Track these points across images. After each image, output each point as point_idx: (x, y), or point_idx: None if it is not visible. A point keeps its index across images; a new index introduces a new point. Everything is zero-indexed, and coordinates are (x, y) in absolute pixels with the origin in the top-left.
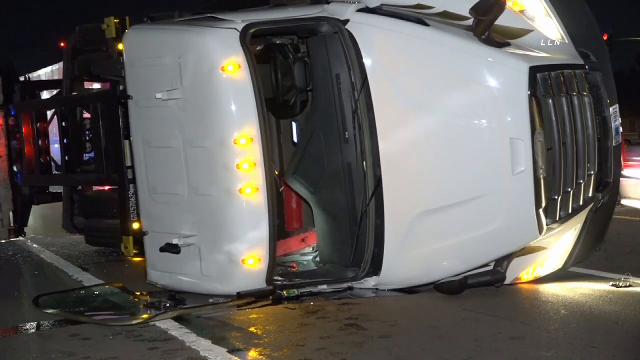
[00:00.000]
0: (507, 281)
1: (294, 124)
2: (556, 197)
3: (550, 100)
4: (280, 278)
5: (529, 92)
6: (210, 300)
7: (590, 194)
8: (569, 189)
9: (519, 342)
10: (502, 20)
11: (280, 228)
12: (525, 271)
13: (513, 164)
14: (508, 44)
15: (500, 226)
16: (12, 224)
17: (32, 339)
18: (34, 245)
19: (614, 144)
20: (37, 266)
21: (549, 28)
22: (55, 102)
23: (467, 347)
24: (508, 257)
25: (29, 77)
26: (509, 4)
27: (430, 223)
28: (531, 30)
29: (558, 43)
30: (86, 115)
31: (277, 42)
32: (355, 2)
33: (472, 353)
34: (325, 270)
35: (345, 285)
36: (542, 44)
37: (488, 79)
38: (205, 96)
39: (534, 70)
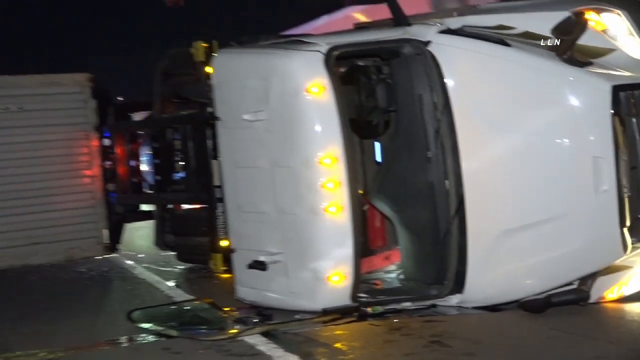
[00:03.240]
0: (591, 300)
1: (377, 144)
2: None
3: (634, 119)
4: (364, 295)
5: (612, 111)
6: (297, 317)
7: None
8: None
9: None
10: (584, 40)
11: (365, 246)
12: (610, 290)
13: (596, 182)
14: (590, 64)
15: (583, 245)
16: (106, 242)
17: (125, 352)
18: (127, 261)
19: None
20: (130, 282)
21: (632, 47)
22: (146, 124)
23: None
24: (592, 276)
25: (121, 100)
26: (591, 23)
27: (513, 241)
28: (614, 50)
29: None
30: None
31: (361, 64)
32: (437, 24)
33: None
34: (408, 288)
35: (428, 302)
36: (625, 63)
37: (570, 98)
38: (291, 117)
39: (616, 89)
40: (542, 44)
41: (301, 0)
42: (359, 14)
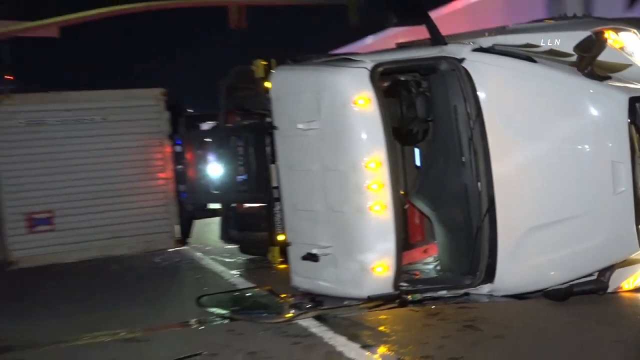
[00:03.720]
0: (609, 290)
1: (416, 150)
2: None
3: None
4: (405, 284)
5: (628, 120)
6: (345, 303)
7: None
8: None
9: (622, 345)
10: (603, 56)
11: (405, 240)
12: (626, 281)
13: (614, 184)
14: (609, 77)
15: (602, 240)
16: (178, 236)
17: (196, 333)
18: (196, 253)
19: None
20: (198, 271)
21: None
22: (213, 133)
23: (572, 349)
24: (610, 268)
25: (191, 112)
26: (609, 41)
27: (539, 237)
28: (630, 65)
29: None
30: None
31: (402, 79)
32: (470, 43)
33: (577, 355)
34: (444, 278)
35: (462, 291)
36: None
37: (591, 109)
38: (340, 126)
39: (633, 101)
40: (565, 60)
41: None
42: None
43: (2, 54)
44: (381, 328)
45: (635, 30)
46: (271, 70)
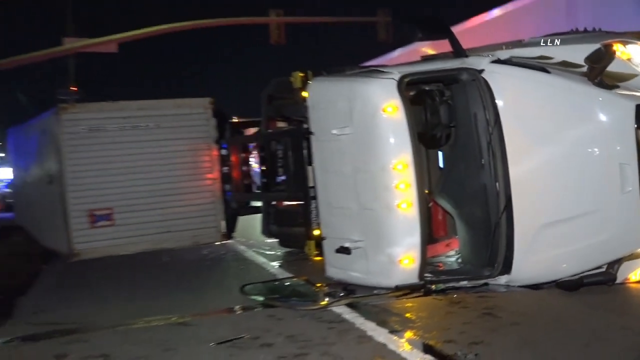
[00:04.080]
0: (617, 281)
1: (439, 153)
2: None
3: None
4: (429, 275)
5: (635, 126)
6: (374, 292)
7: None
8: None
9: (630, 332)
10: (611, 67)
11: (429, 235)
12: (633, 272)
13: (622, 184)
14: (617, 86)
15: (611, 235)
16: (224, 231)
17: (240, 318)
18: (240, 246)
19: None
20: (242, 262)
21: None
22: (255, 138)
23: (583, 335)
24: (618, 261)
25: (236, 119)
26: (617, 53)
27: (552, 233)
28: (637, 75)
29: None
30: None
31: (426, 88)
32: (489, 56)
33: (588, 340)
34: (465, 270)
35: (482, 281)
36: None
37: (600, 115)
38: (370, 132)
39: (639, 108)
40: (576, 70)
41: (378, 38)
42: (426, 48)
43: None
44: (407, 315)
45: None
46: (308, 81)
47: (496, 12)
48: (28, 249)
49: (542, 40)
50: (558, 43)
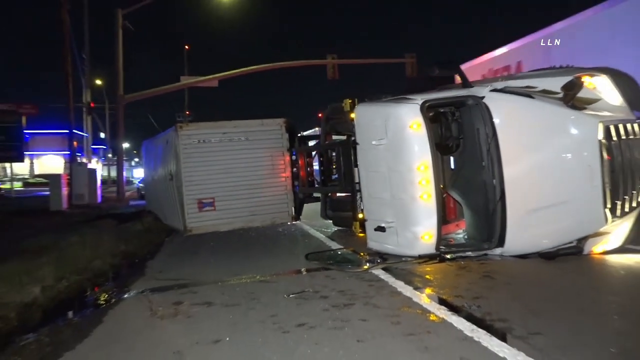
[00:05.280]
0: (584, 252)
1: (451, 158)
2: (617, 201)
3: (613, 142)
4: (443, 247)
5: (600, 138)
6: (402, 259)
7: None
8: (626, 196)
9: (592, 290)
10: (581, 94)
11: (444, 218)
12: (596, 246)
13: (590, 180)
14: (585, 108)
15: (580, 219)
16: (293, 214)
17: (304, 277)
18: (305, 226)
19: None
20: (306, 237)
21: (613, 97)
22: (316, 147)
23: (558, 291)
24: (585, 238)
25: (302, 133)
26: (585, 83)
27: (535, 216)
28: (600, 99)
29: (618, 106)
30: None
31: (442, 110)
32: (489, 85)
33: (561, 295)
34: (470, 243)
35: (482, 252)
36: (607, 108)
37: (572, 129)
38: (400, 142)
39: (603, 124)
40: (554, 96)
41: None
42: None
43: (184, 97)
44: (427, 276)
45: (604, 75)
46: (354, 106)
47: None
48: (155, 226)
49: (529, 74)
50: (541, 76)
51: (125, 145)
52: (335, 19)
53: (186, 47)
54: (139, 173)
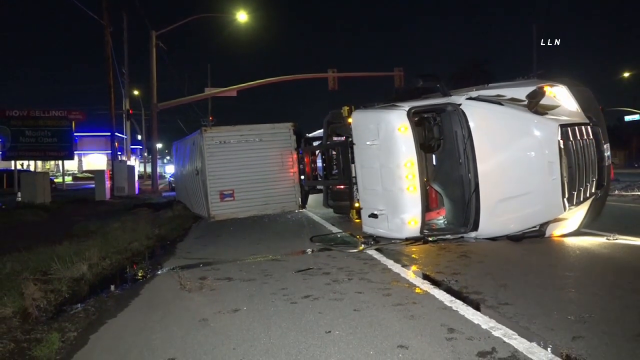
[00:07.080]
0: (546, 235)
1: (433, 156)
2: (574, 192)
3: (570, 142)
4: (426, 231)
5: (558, 138)
6: (392, 241)
7: (593, 190)
8: (581, 188)
9: (553, 268)
10: (543, 101)
11: (427, 207)
12: (555, 230)
13: (550, 174)
14: (546, 113)
15: (542, 207)
16: (300, 204)
17: (309, 256)
18: (310, 213)
19: (606, 164)
20: (311, 223)
21: (570, 104)
22: (320, 147)
23: (524, 269)
24: (546, 223)
25: (307, 135)
26: (546, 92)
27: (504, 205)
28: (558, 106)
29: (574, 112)
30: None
31: (425, 115)
32: (465, 94)
33: (527, 272)
34: (449, 228)
35: (459, 235)
36: (564, 113)
37: (535, 132)
38: (390, 143)
39: (561, 127)
40: (520, 104)
41: (394, 85)
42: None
43: (208, 105)
44: (413, 256)
45: (562, 85)
46: (352, 112)
47: None
48: (184, 214)
49: (499, 85)
50: (509, 86)
51: (159, 145)
52: (337, 36)
53: (208, 64)
54: (170, 169)
